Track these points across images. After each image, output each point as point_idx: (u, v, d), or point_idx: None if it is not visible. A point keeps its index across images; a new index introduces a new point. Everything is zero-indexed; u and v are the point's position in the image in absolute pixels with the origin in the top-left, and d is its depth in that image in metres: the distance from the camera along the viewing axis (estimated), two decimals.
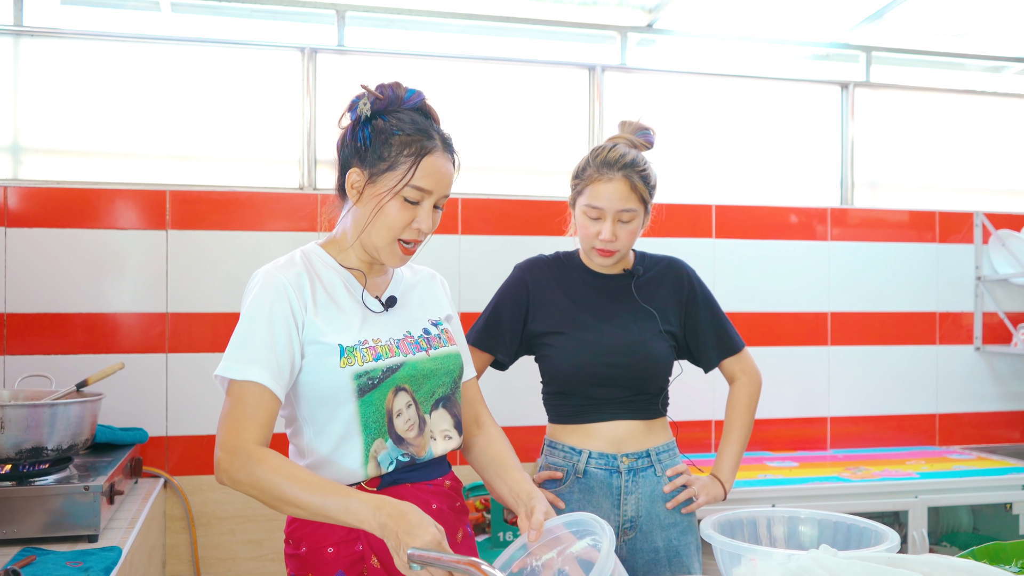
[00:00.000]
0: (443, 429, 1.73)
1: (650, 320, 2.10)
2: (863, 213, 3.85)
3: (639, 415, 2.10)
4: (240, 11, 3.47)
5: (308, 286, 1.63)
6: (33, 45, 3.23)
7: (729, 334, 2.20)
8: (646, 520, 2.06)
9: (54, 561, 2.03)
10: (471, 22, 3.63)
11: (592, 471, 2.08)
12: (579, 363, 2.08)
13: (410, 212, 1.66)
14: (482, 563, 1.23)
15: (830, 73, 4.02)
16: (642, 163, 2.07)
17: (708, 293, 2.20)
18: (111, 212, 3.14)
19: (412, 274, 1.87)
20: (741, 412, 2.20)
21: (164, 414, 3.17)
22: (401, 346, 1.68)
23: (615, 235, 2.04)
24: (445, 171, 1.69)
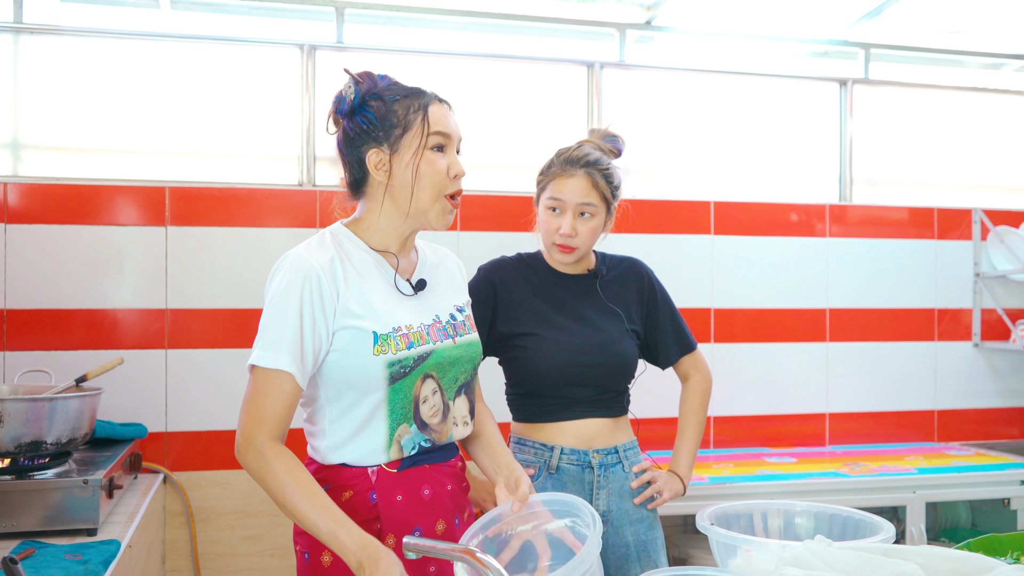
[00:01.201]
0: (463, 415, 1.75)
1: (616, 319, 2.15)
2: (861, 210, 3.85)
3: (607, 413, 2.15)
4: (239, 8, 3.48)
5: (340, 270, 1.62)
6: (33, 42, 3.24)
7: (685, 332, 2.27)
8: (616, 515, 2.10)
9: (53, 554, 2.04)
10: (470, 19, 3.64)
11: (564, 466, 2.10)
12: (552, 363, 2.09)
13: (443, 160, 1.70)
14: (476, 551, 1.23)
15: (829, 70, 4.02)
16: (605, 163, 2.11)
17: (666, 292, 2.27)
18: (111, 208, 3.15)
19: (433, 253, 1.86)
20: (696, 409, 2.25)
21: (163, 410, 3.18)
22: (431, 333, 1.68)
23: (575, 230, 2.07)
24: (450, 116, 1.76)
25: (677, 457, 2.23)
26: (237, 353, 3.21)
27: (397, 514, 1.62)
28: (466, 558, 1.23)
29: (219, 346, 3.22)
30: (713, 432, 3.64)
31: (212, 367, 3.21)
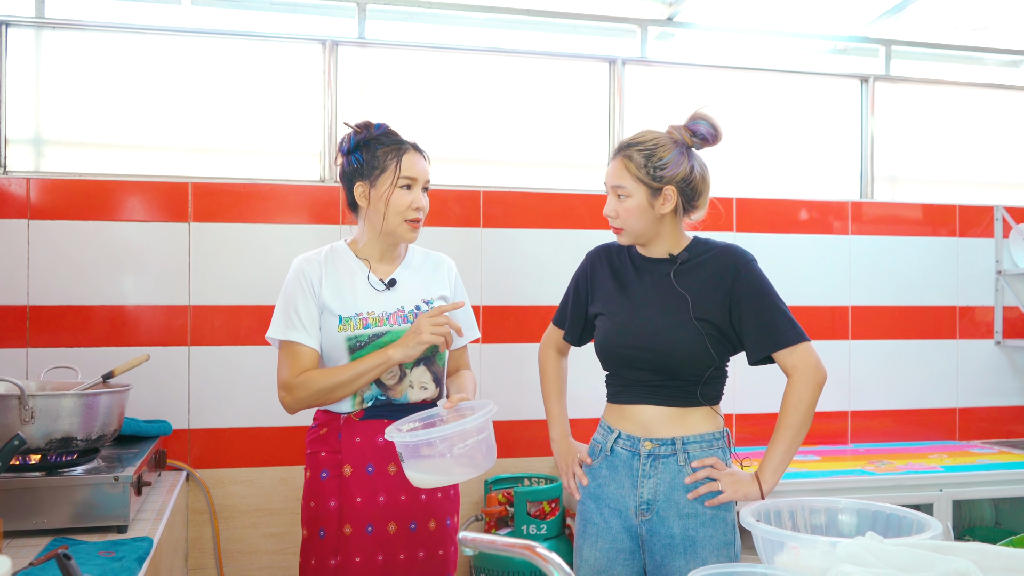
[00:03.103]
0: (422, 381, 2.23)
1: (682, 306, 2.07)
2: (883, 207, 3.84)
3: (670, 402, 2.09)
4: (260, 4, 3.46)
5: (322, 271, 2.23)
6: (55, 37, 3.22)
7: (778, 327, 2.09)
8: (663, 505, 2.06)
9: (87, 551, 2.02)
10: (491, 15, 3.62)
11: (618, 451, 2.13)
12: (609, 344, 2.14)
13: (407, 196, 2.18)
14: (537, 546, 1.22)
15: (850, 67, 4.01)
16: (645, 143, 2.09)
17: (760, 283, 2.11)
18: (133, 205, 3.14)
19: (423, 259, 2.34)
20: (788, 411, 2.09)
21: (186, 407, 3.17)
22: (391, 318, 2.20)
23: (615, 211, 2.11)
24: (420, 163, 2.22)
25: (763, 461, 2.10)
26: (260, 350, 3.19)
27: (355, 451, 2.18)
28: (527, 554, 1.22)
29: (242, 343, 3.20)
30: (735, 431, 3.62)
31: (235, 364, 3.19)
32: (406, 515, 2.19)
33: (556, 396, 2.34)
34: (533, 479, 3.36)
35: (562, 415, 2.33)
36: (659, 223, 2.10)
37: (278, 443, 3.21)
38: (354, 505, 2.17)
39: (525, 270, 3.43)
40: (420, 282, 2.28)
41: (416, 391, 2.21)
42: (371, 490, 2.17)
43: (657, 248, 2.15)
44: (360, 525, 2.16)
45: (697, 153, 2.16)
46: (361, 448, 2.17)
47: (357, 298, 2.20)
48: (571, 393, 2.39)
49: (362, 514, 2.16)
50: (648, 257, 2.17)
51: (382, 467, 2.18)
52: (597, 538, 2.13)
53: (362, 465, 2.18)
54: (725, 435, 2.15)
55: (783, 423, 2.09)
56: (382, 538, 2.18)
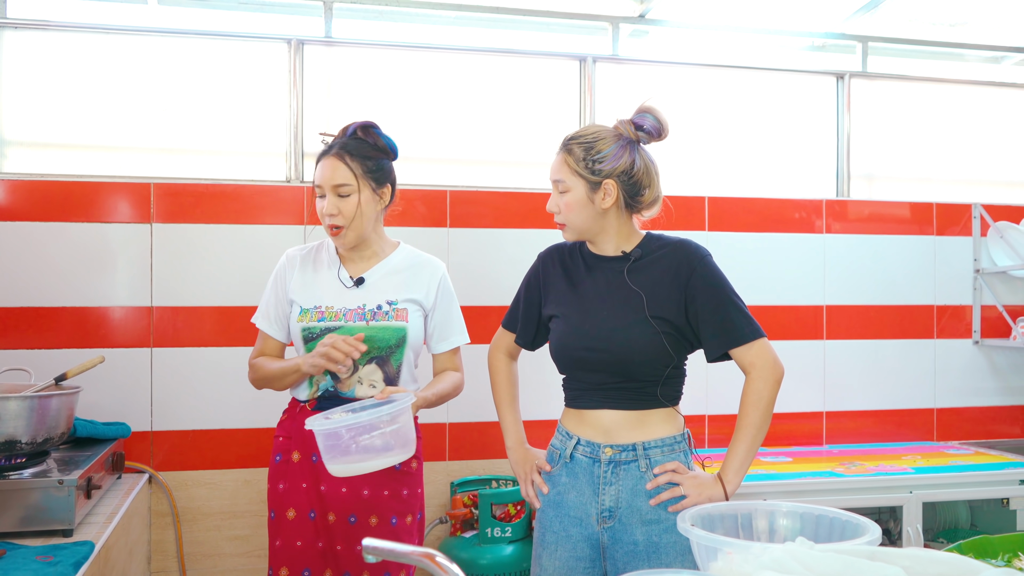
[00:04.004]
0: (372, 379, 2.26)
1: (637, 305, 2.03)
2: (859, 205, 3.80)
3: (629, 404, 2.04)
4: (227, 3, 3.44)
5: (297, 265, 2.36)
6: (17, 37, 3.20)
7: (735, 323, 2.03)
8: (625, 512, 2.01)
9: (24, 556, 2.00)
10: (461, 13, 3.59)
11: (579, 457, 2.08)
12: (563, 346, 2.10)
13: (320, 204, 2.26)
14: (437, 554, 1.19)
15: (825, 64, 3.97)
16: (585, 136, 2.06)
17: (715, 278, 2.05)
18: (95, 205, 3.12)
19: (408, 261, 2.38)
20: (747, 409, 2.04)
21: (149, 409, 3.14)
22: (348, 315, 2.26)
23: (557, 206, 2.09)
24: (328, 168, 2.25)
25: (725, 461, 2.06)
26: (224, 352, 3.17)
27: (303, 438, 2.24)
28: (426, 562, 1.19)
29: (206, 344, 3.18)
30: (708, 431, 3.59)
31: (198, 365, 3.17)
32: (346, 507, 2.25)
33: (509, 402, 2.29)
34: (500, 481, 3.33)
35: (516, 422, 2.29)
36: (602, 218, 2.07)
37: (242, 445, 3.18)
38: (299, 490, 2.26)
39: (493, 270, 3.40)
40: (393, 283, 2.31)
41: (364, 387, 2.26)
42: (314, 478, 2.25)
43: (607, 245, 2.11)
44: (303, 510, 2.26)
45: (645, 148, 2.11)
46: (308, 436, 2.17)
47: (323, 292, 2.29)
48: (528, 394, 2.36)
49: (305, 500, 2.25)
50: (599, 255, 2.12)
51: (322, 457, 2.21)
52: (556, 546, 2.08)
53: (308, 453, 2.25)
54: (686, 437, 2.11)
55: (743, 422, 2.04)
56: (322, 525, 2.25)
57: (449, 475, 3.36)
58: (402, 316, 2.27)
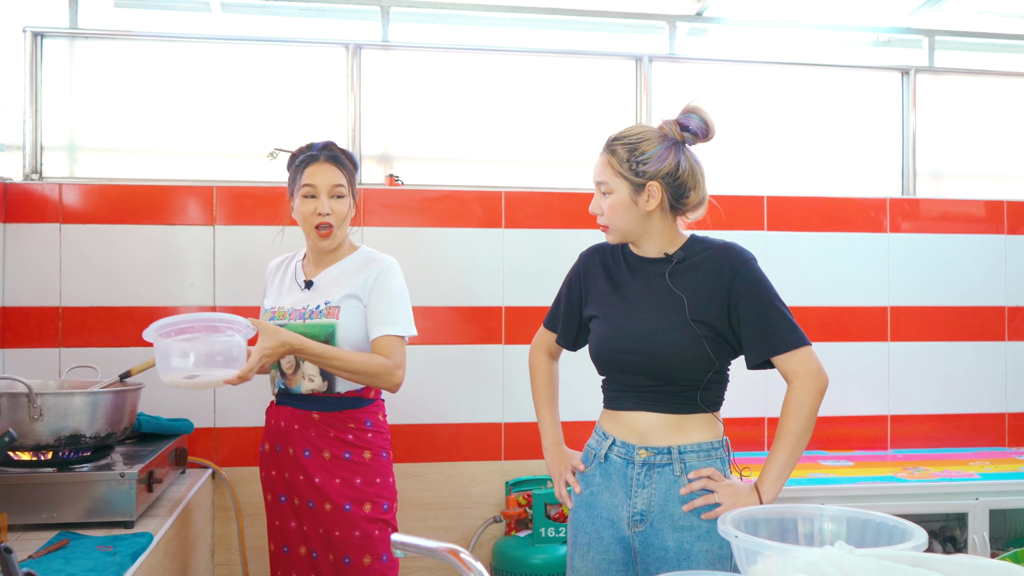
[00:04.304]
0: (310, 374, 2.43)
1: (677, 308, 1.99)
2: (926, 204, 3.70)
3: (667, 408, 2.01)
4: (288, 9, 3.52)
5: (274, 271, 2.61)
6: (88, 47, 3.33)
7: (777, 330, 1.97)
8: (657, 517, 1.98)
9: (85, 545, 2.08)
10: (517, 15, 3.62)
11: (613, 458, 2.05)
12: (602, 348, 2.07)
13: (312, 203, 2.41)
14: (461, 551, 1.20)
15: (890, 59, 3.88)
16: (629, 137, 2.02)
17: (759, 282, 2.00)
18: (161, 208, 3.22)
19: (360, 263, 2.49)
20: (788, 418, 1.98)
21: (212, 406, 3.23)
22: (292, 314, 2.45)
23: (600, 208, 2.05)
24: (325, 172, 2.42)
25: (762, 471, 2.00)
26: None
27: (269, 430, 2.51)
28: (450, 558, 1.20)
29: None
30: (767, 434, 3.54)
31: None
32: (303, 493, 2.44)
33: (547, 402, 2.28)
34: None
35: (554, 422, 2.27)
36: (646, 220, 2.02)
37: None
38: (271, 477, 2.51)
39: (548, 271, 3.40)
40: (339, 283, 2.46)
41: (306, 382, 2.44)
42: (279, 466, 2.49)
43: (650, 247, 2.07)
44: (277, 494, 2.50)
45: (690, 149, 2.06)
46: (271, 428, 2.51)
47: (282, 295, 2.53)
48: (567, 396, 2.36)
49: (276, 485, 2.50)
50: (642, 257, 2.09)
51: (285, 447, 2.47)
52: (588, 548, 2.06)
53: (273, 443, 2.50)
54: (725, 444, 2.06)
55: (783, 431, 1.98)
56: (290, 508, 2.48)
57: (504, 475, 3.38)
58: (333, 314, 2.41)
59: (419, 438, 3.35)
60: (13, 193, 3.13)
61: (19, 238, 3.13)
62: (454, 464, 3.36)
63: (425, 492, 3.35)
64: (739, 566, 1.70)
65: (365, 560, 2.40)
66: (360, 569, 2.40)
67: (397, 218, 3.34)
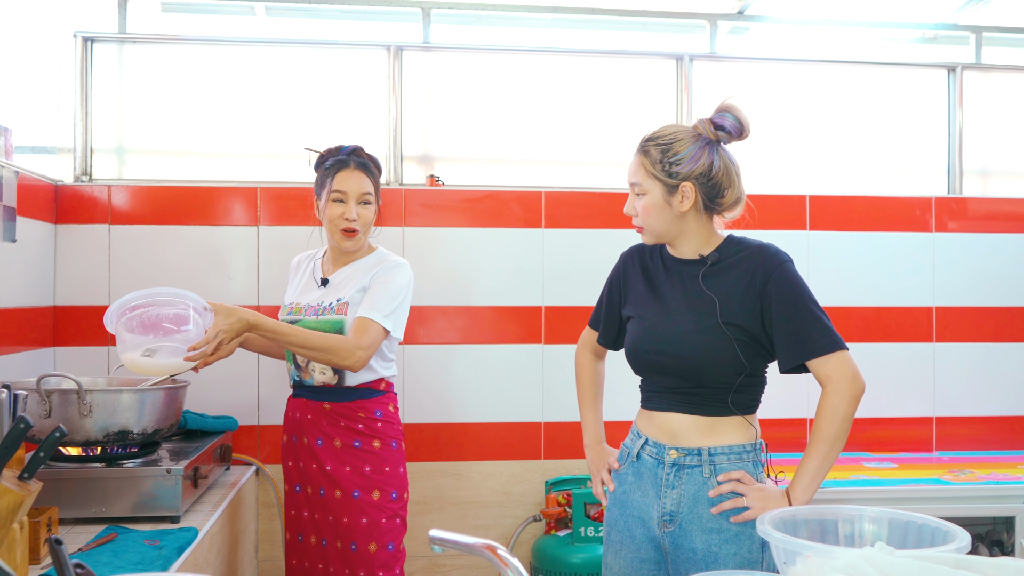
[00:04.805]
0: (321, 367, 2.55)
1: (709, 310, 1.98)
2: (973, 203, 3.64)
3: (699, 410, 2.00)
4: (330, 12, 3.56)
5: (296, 268, 2.73)
6: (136, 51, 3.40)
7: (810, 334, 1.94)
8: (686, 518, 1.98)
9: (133, 539, 2.13)
10: (557, 15, 3.62)
11: (645, 457, 2.05)
12: (636, 349, 2.07)
13: (340, 208, 2.53)
14: (499, 547, 1.22)
15: (935, 56, 3.82)
16: (662, 137, 2.00)
17: (792, 285, 1.96)
18: (207, 208, 3.27)
19: (373, 263, 2.59)
20: (821, 424, 1.95)
21: (256, 404, 3.28)
22: (308, 311, 2.56)
23: (634, 209, 2.04)
24: (355, 179, 2.54)
25: (794, 476, 1.98)
26: None
27: (286, 422, 2.66)
28: (488, 554, 1.22)
29: None
30: (807, 435, 3.50)
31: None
32: (315, 481, 2.57)
33: (590, 400, 2.29)
34: None
35: (596, 420, 2.28)
36: (681, 221, 2.01)
37: None
38: (288, 468, 2.65)
39: (588, 271, 3.41)
40: (351, 281, 2.57)
41: (318, 375, 2.57)
42: (295, 456, 2.63)
43: (685, 248, 2.06)
44: (292, 484, 2.64)
45: (725, 148, 2.04)
46: (288, 420, 2.66)
47: (301, 291, 2.65)
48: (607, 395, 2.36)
49: (292, 475, 2.64)
50: (677, 258, 2.08)
51: (300, 437, 2.61)
52: (621, 546, 2.07)
53: (290, 434, 2.65)
54: (758, 446, 2.03)
55: (815, 437, 1.95)
56: (304, 497, 2.61)
57: (544, 474, 3.39)
58: (343, 310, 2.53)
59: (459, 437, 3.37)
60: (64, 195, 3.21)
61: (70, 239, 3.20)
62: (494, 463, 3.38)
63: (465, 491, 3.37)
64: (778, 566, 1.70)
65: (371, 547, 2.51)
66: (366, 556, 2.51)
67: (438, 218, 3.36)
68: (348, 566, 2.52)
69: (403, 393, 3.32)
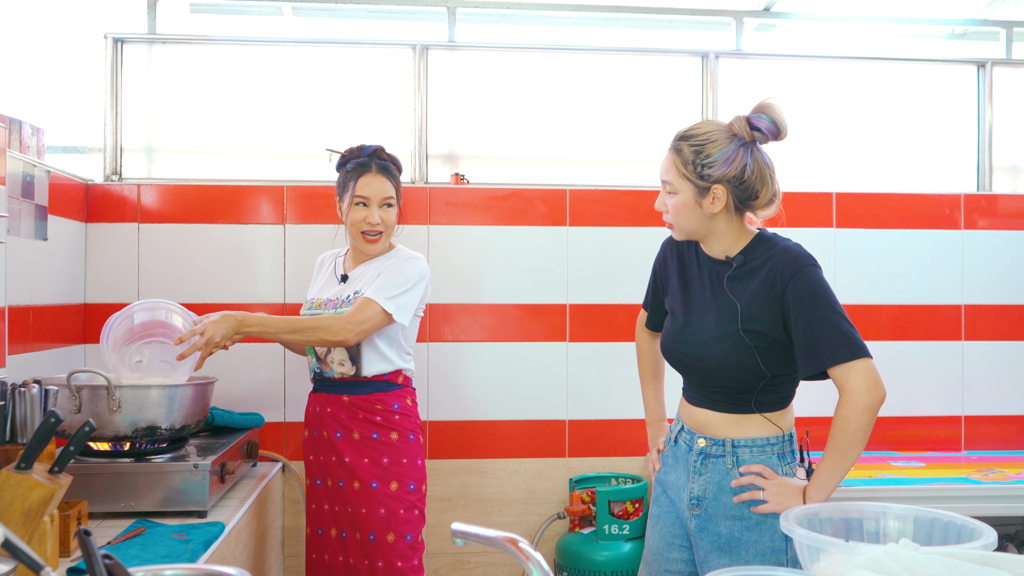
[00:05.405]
0: (340, 359, 2.61)
1: (730, 315, 1.99)
2: (1003, 200, 3.60)
3: (725, 408, 2.03)
4: (356, 12, 3.58)
5: (321, 265, 2.82)
6: (165, 51, 3.43)
7: (827, 343, 1.91)
8: (712, 504, 2.03)
9: (161, 533, 2.15)
10: (582, 13, 3.62)
11: (680, 443, 2.13)
12: (667, 348, 2.14)
13: (362, 212, 2.59)
14: (521, 540, 1.22)
15: (965, 52, 3.78)
16: (697, 136, 1.98)
17: (812, 291, 1.93)
18: (235, 207, 3.30)
19: (389, 259, 2.64)
20: (834, 432, 1.93)
21: (282, 401, 3.31)
22: (327, 305, 2.64)
23: (665, 205, 2.05)
24: (376, 184, 2.59)
25: (812, 476, 1.99)
26: None
27: (307, 417, 2.72)
28: (510, 547, 1.22)
29: None
30: None
31: None
32: (335, 473, 2.62)
33: (650, 379, 2.37)
34: (619, 479, 3.33)
35: (656, 400, 2.36)
36: (711, 221, 2.01)
37: None
38: (309, 462, 2.71)
39: (612, 269, 3.41)
40: (367, 275, 2.62)
41: (336, 367, 2.63)
42: (315, 450, 2.68)
43: (715, 247, 2.05)
44: (313, 478, 2.70)
45: (760, 148, 2.02)
46: (309, 415, 2.73)
47: (322, 287, 2.74)
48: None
49: (313, 469, 2.70)
50: (709, 256, 2.08)
51: (320, 431, 2.67)
52: (658, 521, 2.15)
53: (311, 429, 2.71)
54: (783, 440, 2.04)
55: (830, 444, 1.94)
56: (324, 490, 2.67)
57: (569, 471, 3.39)
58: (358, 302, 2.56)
59: (484, 434, 3.38)
60: (95, 194, 3.25)
61: (100, 237, 3.24)
62: (519, 460, 3.39)
63: (490, 488, 3.38)
64: (802, 563, 1.69)
65: (389, 537, 2.55)
66: (384, 547, 2.55)
67: (463, 216, 3.37)
68: (367, 557, 2.57)
69: (428, 390, 3.34)
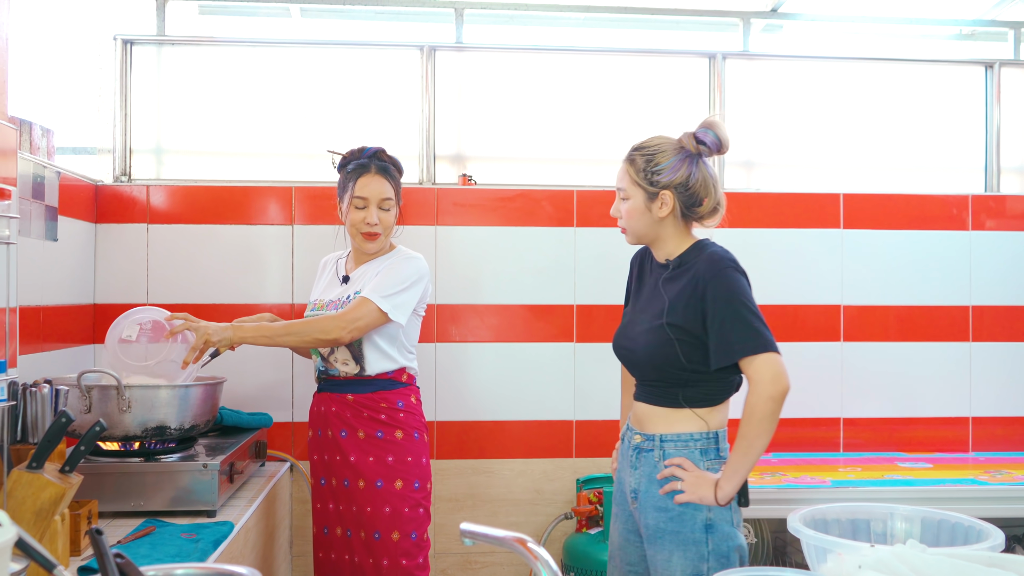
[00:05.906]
0: (343, 359, 2.63)
1: (660, 311, 2.15)
2: (1010, 200, 3.59)
3: (657, 402, 2.17)
4: (364, 13, 3.59)
5: (324, 266, 2.84)
6: (174, 53, 3.45)
7: (736, 337, 2.05)
8: (643, 496, 2.16)
9: (171, 532, 2.17)
10: (589, 14, 3.63)
11: (625, 439, 2.28)
12: (614, 343, 2.31)
13: (361, 214, 2.61)
14: (528, 540, 1.23)
15: (973, 52, 3.78)
16: (648, 148, 2.17)
17: (725, 290, 2.07)
18: (243, 208, 3.32)
19: (389, 259, 2.66)
20: (742, 421, 2.05)
21: (291, 401, 3.32)
22: (330, 306, 2.65)
23: (619, 211, 2.23)
24: (375, 185, 2.61)
25: (724, 465, 2.10)
26: None
27: (312, 417, 2.73)
28: (518, 547, 1.23)
29: None
30: (843, 435, 3.48)
31: None
32: (340, 472, 2.64)
33: (627, 388, 2.44)
34: None
35: (627, 406, 2.46)
36: (659, 226, 2.18)
37: None
38: (315, 462, 2.73)
39: (620, 269, 3.36)
40: (367, 276, 2.65)
41: (340, 366, 2.65)
42: (321, 449, 2.70)
43: (660, 252, 2.24)
44: (318, 478, 2.72)
45: (705, 161, 2.19)
46: (314, 415, 2.74)
47: (325, 288, 2.76)
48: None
49: (319, 469, 2.71)
50: (656, 262, 2.26)
51: (325, 430, 2.67)
52: (615, 517, 2.29)
53: (316, 428, 2.72)
54: (708, 437, 2.15)
55: (739, 433, 2.07)
56: (329, 489, 2.68)
57: (575, 472, 3.40)
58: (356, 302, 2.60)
59: (491, 435, 3.39)
60: (104, 195, 3.26)
61: (110, 238, 3.26)
62: (526, 461, 3.40)
63: (497, 488, 3.38)
64: (809, 564, 1.70)
65: (394, 536, 2.57)
66: (389, 545, 2.57)
67: (470, 217, 3.38)
68: (372, 555, 2.58)
69: (435, 391, 3.35)
